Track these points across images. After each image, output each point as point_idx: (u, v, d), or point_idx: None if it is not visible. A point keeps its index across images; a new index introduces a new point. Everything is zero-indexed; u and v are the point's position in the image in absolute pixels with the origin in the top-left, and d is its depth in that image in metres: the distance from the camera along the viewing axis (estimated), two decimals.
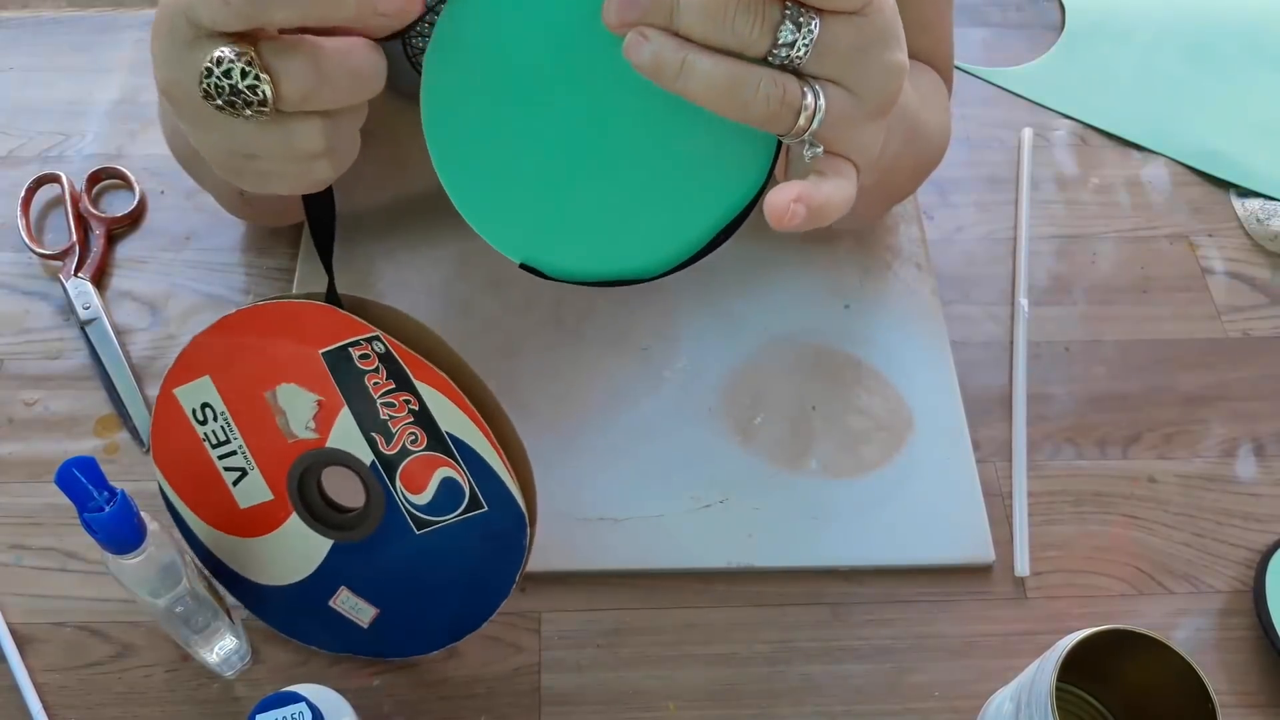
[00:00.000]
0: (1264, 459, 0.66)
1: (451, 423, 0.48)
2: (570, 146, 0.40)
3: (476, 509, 0.50)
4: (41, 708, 0.55)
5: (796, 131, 0.36)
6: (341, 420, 0.48)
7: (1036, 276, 0.73)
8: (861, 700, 0.57)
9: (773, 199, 0.36)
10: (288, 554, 0.52)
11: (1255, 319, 0.72)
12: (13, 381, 0.66)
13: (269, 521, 0.51)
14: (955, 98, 0.71)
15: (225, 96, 0.35)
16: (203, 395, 0.48)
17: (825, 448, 0.64)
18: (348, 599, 0.54)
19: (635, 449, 0.63)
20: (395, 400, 0.47)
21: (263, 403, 0.48)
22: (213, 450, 0.50)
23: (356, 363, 0.46)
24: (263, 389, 0.48)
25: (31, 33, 0.83)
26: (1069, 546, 0.62)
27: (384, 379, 0.47)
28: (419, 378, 0.47)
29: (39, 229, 0.73)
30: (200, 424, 0.49)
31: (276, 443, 0.49)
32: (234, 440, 0.49)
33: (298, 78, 0.35)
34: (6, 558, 0.60)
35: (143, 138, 0.77)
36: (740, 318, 0.69)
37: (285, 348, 0.47)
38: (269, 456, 0.50)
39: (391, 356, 0.46)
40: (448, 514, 0.50)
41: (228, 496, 0.51)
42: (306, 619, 0.55)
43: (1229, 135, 0.81)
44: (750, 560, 0.60)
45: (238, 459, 0.50)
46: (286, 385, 0.47)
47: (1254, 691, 0.58)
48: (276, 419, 0.48)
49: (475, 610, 0.54)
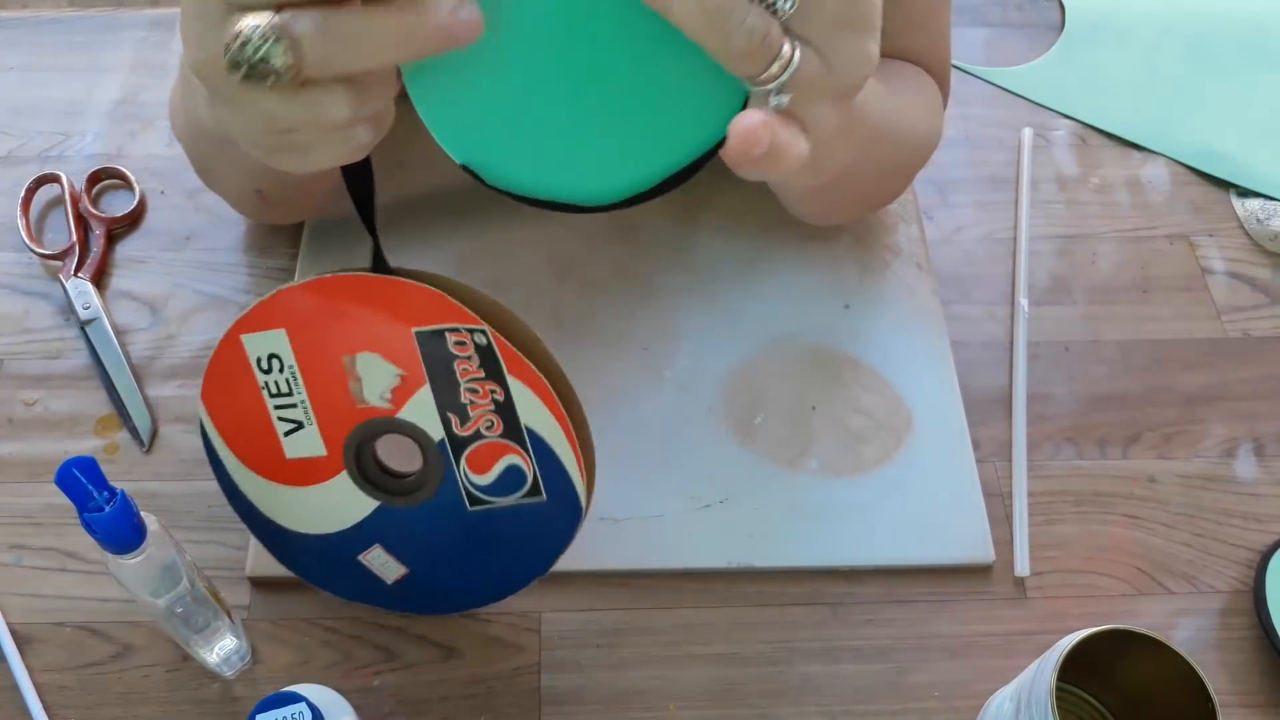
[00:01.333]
0: (1264, 459, 0.66)
1: (534, 418, 0.48)
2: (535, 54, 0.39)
3: (535, 497, 0.50)
4: (41, 708, 0.55)
5: (767, 78, 0.36)
6: (419, 396, 0.48)
7: (1036, 276, 0.73)
8: (861, 700, 0.57)
9: (742, 120, 0.36)
10: (327, 508, 0.52)
11: (1255, 319, 0.72)
12: (13, 381, 0.66)
13: (314, 475, 0.51)
14: (955, 98, 0.71)
15: (248, 68, 0.34)
16: (272, 346, 0.47)
17: (825, 447, 0.64)
18: (379, 556, 0.53)
19: (635, 449, 0.63)
20: (480, 388, 0.47)
21: (338, 365, 0.47)
22: (270, 399, 0.49)
23: (450, 347, 0.46)
24: (342, 353, 0.47)
25: (31, 33, 0.83)
26: (1069, 546, 0.62)
27: (474, 367, 0.46)
28: (512, 372, 0.46)
29: (39, 229, 0.73)
30: (264, 373, 0.48)
31: (343, 405, 0.48)
32: (296, 394, 0.48)
33: (318, 43, 0.34)
34: (6, 558, 0.60)
35: (143, 138, 0.77)
36: (740, 318, 0.69)
37: (376, 319, 0.46)
38: (332, 416, 0.49)
39: (491, 349, 0.46)
40: (505, 496, 0.50)
41: (275, 445, 0.50)
42: (327, 567, 0.55)
43: (1229, 135, 0.81)
44: (750, 560, 0.60)
45: (296, 412, 0.49)
46: (368, 354, 0.47)
47: (1254, 691, 0.58)
48: (350, 383, 0.48)
49: (503, 584, 0.54)
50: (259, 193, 0.62)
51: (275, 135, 0.38)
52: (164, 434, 0.64)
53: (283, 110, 0.36)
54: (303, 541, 0.54)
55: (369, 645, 0.58)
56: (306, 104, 0.36)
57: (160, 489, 0.62)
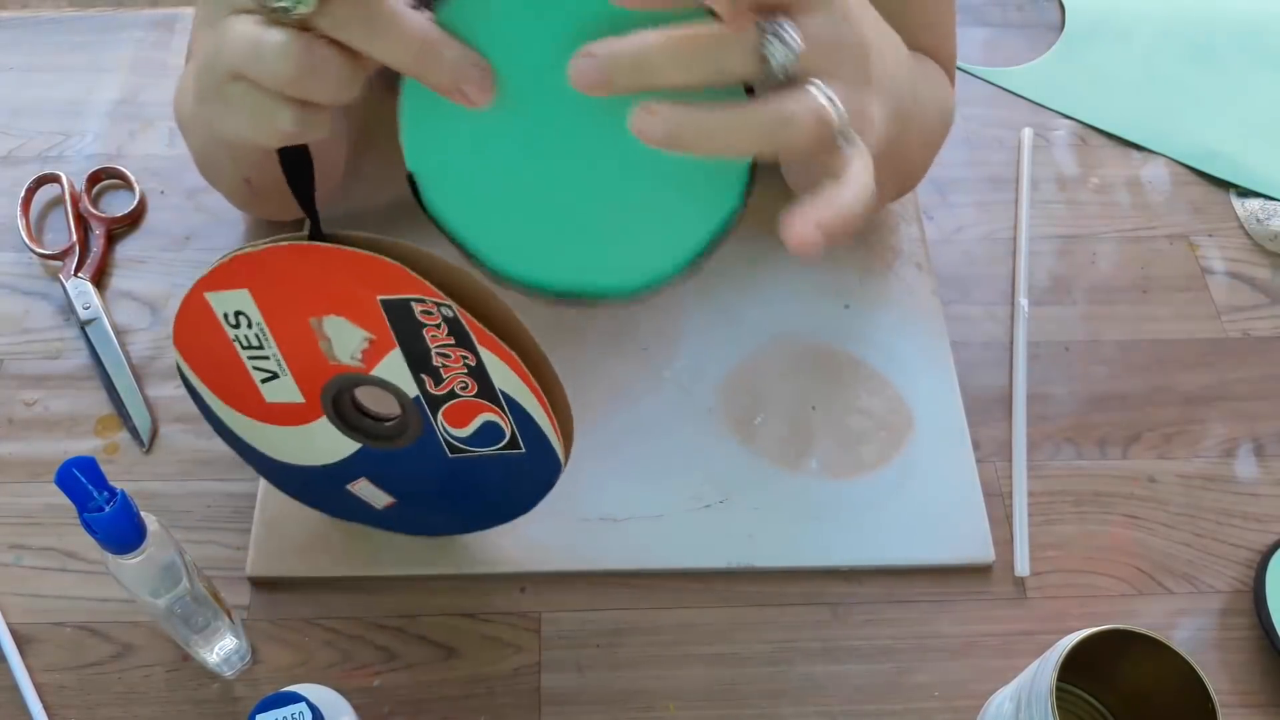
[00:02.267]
0: (1264, 459, 0.66)
1: (507, 384, 0.48)
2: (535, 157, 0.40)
3: (514, 449, 0.51)
4: (41, 708, 0.55)
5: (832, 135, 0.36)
6: (391, 357, 0.48)
7: (1036, 276, 0.73)
8: (862, 700, 0.57)
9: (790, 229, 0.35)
10: (311, 446, 0.52)
11: (1255, 319, 0.72)
12: (13, 381, 0.66)
13: (296, 418, 0.51)
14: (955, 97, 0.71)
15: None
16: (238, 304, 0.47)
17: (825, 448, 0.64)
18: (366, 488, 0.54)
19: (635, 449, 0.63)
20: (452, 353, 0.47)
21: (306, 326, 0.47)
22: (243, 351, 0.49)
23: (417, 316, 0.46)
24: (308, 315, 0.47)
25: (31, 33, 0.83)
26: (1069, 546, 0.62)
27: (444, 335, 0.46)
28: (482, 343, 0.46)
29: (39, 229, 0.73)
30: (232, 327, 0.48)
31: (315, 360, 0.48)
32: (268, 348, 0.48)
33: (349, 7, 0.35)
34: (6, 558, 0.60)
35: (143, 138, 0.77)
36: (740, 318, 0.69)
37: (340, 286, 0.45)
38: (305, 368, 0.49)
39: (458, 322, 0.45)
40: (484, 448, 0.51)
41: (254, 391, 0.50)
42: (319, 491, 0.56)
43: (1229, 135, 0.81)
44: (750, 560, 0.60)
45: (270, 364, 0.49)
46: (335, 318, 0.47)
47: (1254, 691, 0.58)
48: (320, 343, 0.48)
49: (486, 519, 0.56)
50: (247, 182, 0.62)
51: (220, 76, 0.38)
52: (164, 434, 0.64)
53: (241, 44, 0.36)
54: (292, 470, 0.54)
55: (369, 645, 0.58)
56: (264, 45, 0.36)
57: (160, 489, 0.62)
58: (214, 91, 0.39)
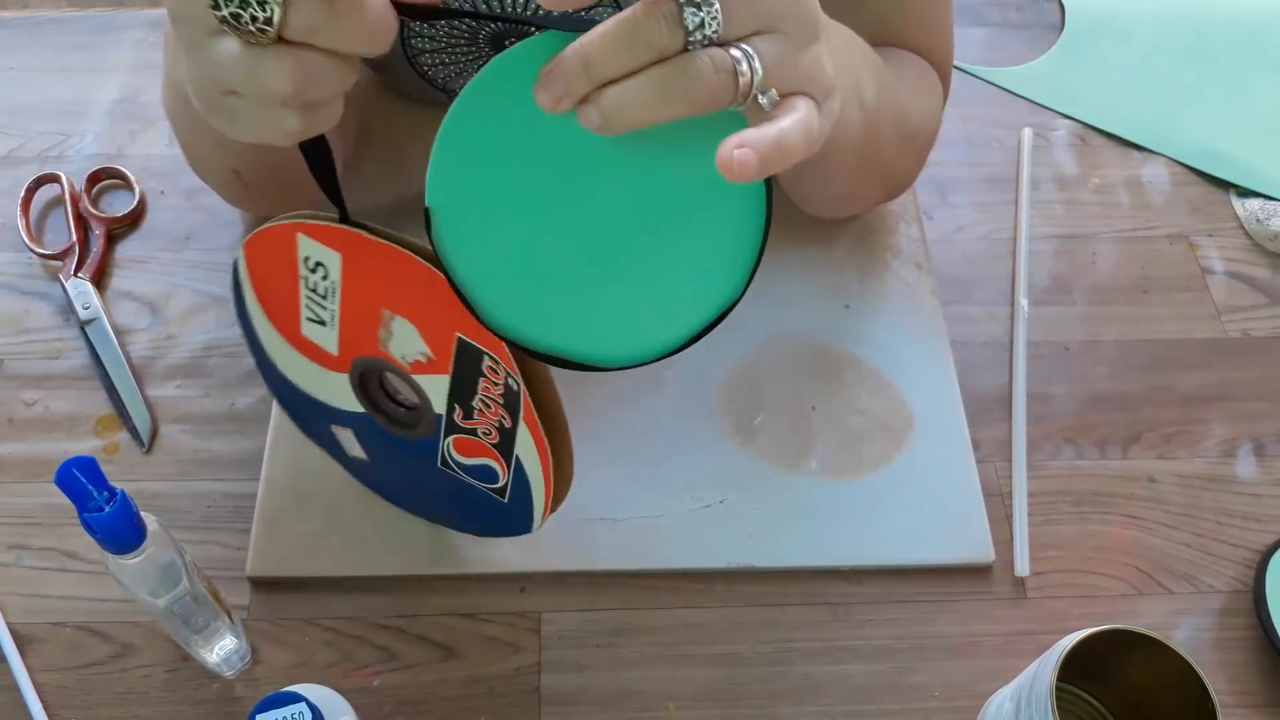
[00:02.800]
0: (1264, 459, 0.66)
1: (526, 456, 0.50)
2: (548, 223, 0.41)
3: (499, 496, 0.52)
4: (41, 708, 0.55)
5: (742, 93, 0.37)
6: (437, 379, 0.49)
7: (1036, 276, 0.73)
8: (862, 700, 0.57)
9: (719, 154, 0.36)
10: (323, 385, 0.53)
11: (1255, 319, 0.72)
12: (13, 381, 0.66)
13: (321, 360, 0.51)
14: (955, 98, 0.71)
15: (233, 8, 0.35)
16: (323, 258, 0.47)
17: (825, 448, 0.64)
18: (348, 436, 0.55)
19: (635, 449, 0.63)
20: (493, 407, 0.48)
21: (376, 312, 0.48)
22: (306, 291, 0.49)
23: (483, 369, 0.47)
24: (383, 305, 0.47)
25: (31, 33, 0.83)
26: (1069, 546, 0.62)
27: (496, 394, 0.48)
28: (525, 421, 0.48)
29: (39, 229, 0.73)
30: (309, 271, 0.48)
31: (368, 339, 0.49)
32: (330, 304, 0.48)
33: (310, 7, 0.35)
34: (6, 558, 0.60)
35: (143, 138, 0.77)
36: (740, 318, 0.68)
37: (431, 304, 0.46)
38: (354, 337, 0.49)
39: (517, 396, 0.47)
40: (474, 479, 0.53)
41: (295, 319, 0.50)
42: (305, 411, 0.56)
43: (1229, 135, 0.81)
44: (750, 560, 0.60)
45: (324, 314, 0.49)
46: (408, 323, 0.47)
47: (1254, 691, 0.58)
48: (380, 330, 0.48)
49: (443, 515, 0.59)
50: (235, 173, 0.62)
51: (216, 93, 0.38)
52: (164, 434, 0.64)
53: (229, 67, 0.36)
54: (296, 392, 0.55)
55: (369, 645, 0.58)
56: (253, 67, 0.36)
57: (160, 489, 0.62)
58: (215, 106, 0.39)
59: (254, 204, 0.70)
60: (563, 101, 0.36)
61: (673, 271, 0.42)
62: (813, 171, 0.63)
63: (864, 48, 0.56)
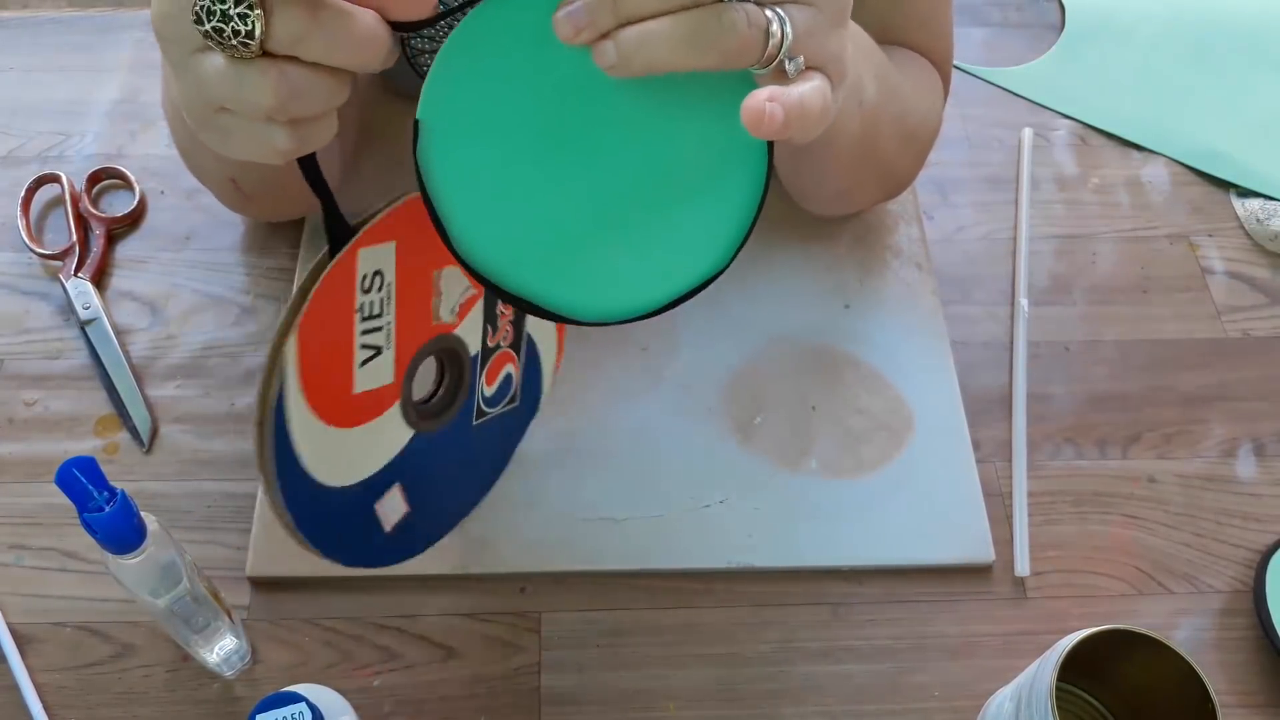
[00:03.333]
0: (1264, 459, 0.66)
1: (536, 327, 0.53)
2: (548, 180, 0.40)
3: (513, 404, 0.55)
4: (41, 708, 0.55)
5: (769, 55, 0.37)
6: (475, 310, 0.50)
7: (1036, 276, 0.73)
8: (862, 700, 0.57)
9: (748, 104, 0.36)
10: (371, 447, 0.52)
11: (1255, 319, 0.72)
12: (13, 381, 0.66)
13: (373, 409, 0.50)
14: (955, 98, 0.71)
15: (215, 22, 0.34)
16: (380, 262, 0.47)
17: (825, 448, 0.64)
18: (393, 498, 0.54)
19: (635, 449, 0.63)
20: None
21: (428, 281, 0.48)
22: (361, 323, 0.48)
23: None
24: (434, 267, 0.47)
25: (31, 33, 0.83)
26: (1069, 546, 0.62)
27: None
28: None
29: (39, 229, 0.73)
30: (364, 292, 0.47)
31: (420, 324, 0.49)
32: (386, 315, 0.48)
33: (292, 19, 0.35)
34: (6, 558, 0.60)
35: (143, 138, 0.77)
36: (740, 318, 0.69)
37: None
38: (407, 337, 0.49)
39: None
40: (497, 406, 0.54)
41: (347, 380, 0.49)
42: (337, 526, 0.53)
43: (1229, 135, 0.81)
44: (750, 560, 0.60)
45: (379, 337, 0.49)
46: (451, 268, 0.47)
47: (1254, 691, 0.58)
48: (433, 299, 0.48)
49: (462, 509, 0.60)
50: (233, 182, 0.62)
51: (207, 111, 0.38)
52: (164, 434, 0.64)
53: (215, 82, 0.36)
54: (327, 495, 0.52)
55: (369, 645, 0.58)
56: (237, 82, 0.36)
57: (160, 489, 0.62)
58: (206, 123, 0.39)
59: (253, 210, 0.70)
60: (583, 33, 0.35)
61: (661, 232, 0.41)
62: (811, 166, 0.63)
63: (870, 44, 0.56)
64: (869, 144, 0.59)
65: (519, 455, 0.62)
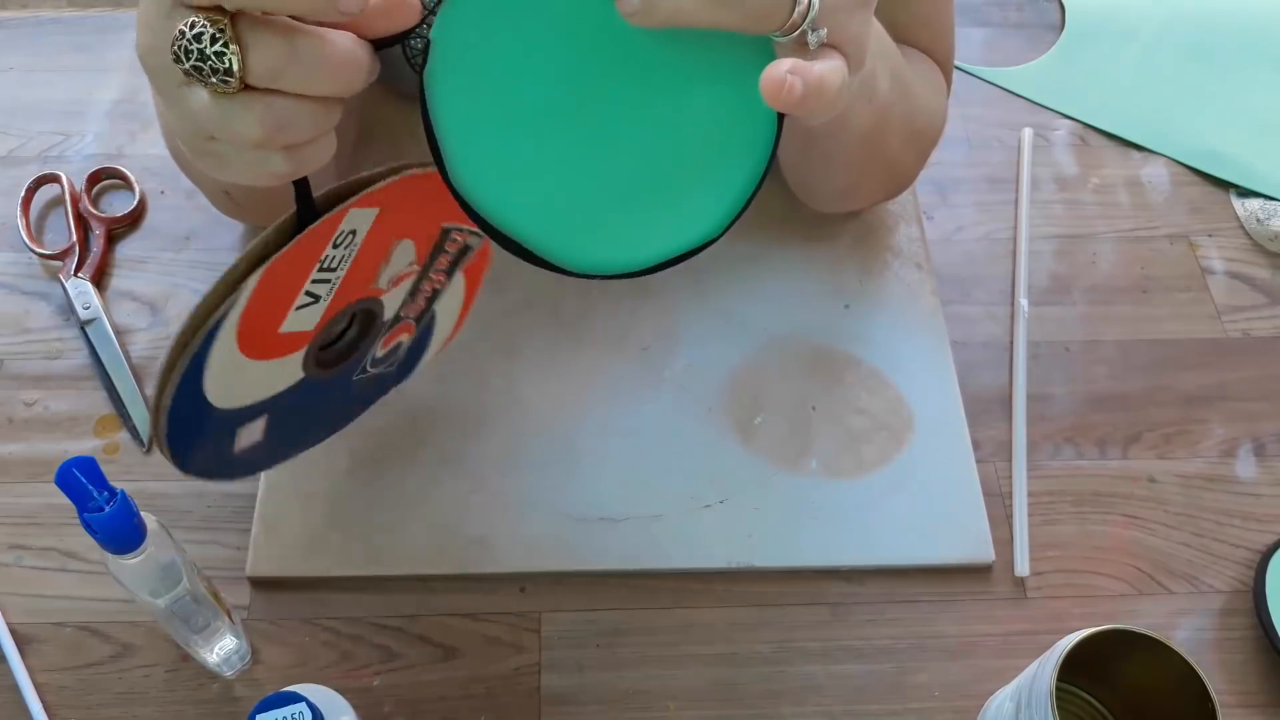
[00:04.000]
0: (1264, 459, 0.66)
1: (445, 307, 0.54)
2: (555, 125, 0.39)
3: (389, 369, 0.57)
4: (41, 708, 0.55)
5: (793, 22, 0.36)
6: (406, 283, 0.51)
7: (1036, 276, 0.73)
8: (862, 700, 0.57)
9: (769, 73, 0.36)
10: (264, 379, 0.52)
11: (1255, 319, 0.72)
12: (13, 381, 0.66)
13: (285, 348, 0.51)
14: (955, 98, 0.71)
15: (193, 60, 0.34)
16: (359, 223, 0.47)
17: (825, 448, 0.64)
18: (255, 426, 0.54)
19: (635, 449, 0.63)
20: (437, 279, 0.52)
21: (385, 248, 0.48)
22: (317, 273, 0.48)
23: (445, 244, 0.50)
24: (396, 237, 0.48)
25: (31, 33, 0.83)
26: (1069, 546, 0.62)
27: (446, 263, 0.51)
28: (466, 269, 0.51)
29: (39, 229, 0.73)
30: (334, 247, 0.47)
31: (360, 286, 0.49)
32: (339, 271, 0.48)
33: (268, 53, 0.34)
34: (6, 558, 0.60)
35: (143, 138, 0.77)
36: (740, 318, 0.69)
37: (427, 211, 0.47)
38: (344, 293, 0.49)
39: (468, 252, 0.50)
40: (378, 368, 0.56)
41: (279, 318, 0.49)
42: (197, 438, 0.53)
43: (1229, 135, 0.81)
44: (750, 560, 0.60)
45: (323, 288, 0.49)
46: (407, 241, 0.48)
47: (1254, 691, 0.58)
48: (380, 264, 0.49)
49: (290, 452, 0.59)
50: (226, 194, 0.62)
51: (199, 139, 0.38)
52: None
53: (203, 116, 0.36)
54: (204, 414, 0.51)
55: (369, 645, 0.58)
56: (222, 116, 0.36)
57: (160, 489, 0.62)
58: (201, 151, 0.38)
59: (248, 218, 0.70)
60: None
61: (660, 193, 0.40)
62: (819, 159, 0.63)
63: (888, 41, 0.56)
64: (878, 140, 0.59)
65: (519, 455, 0.62)
